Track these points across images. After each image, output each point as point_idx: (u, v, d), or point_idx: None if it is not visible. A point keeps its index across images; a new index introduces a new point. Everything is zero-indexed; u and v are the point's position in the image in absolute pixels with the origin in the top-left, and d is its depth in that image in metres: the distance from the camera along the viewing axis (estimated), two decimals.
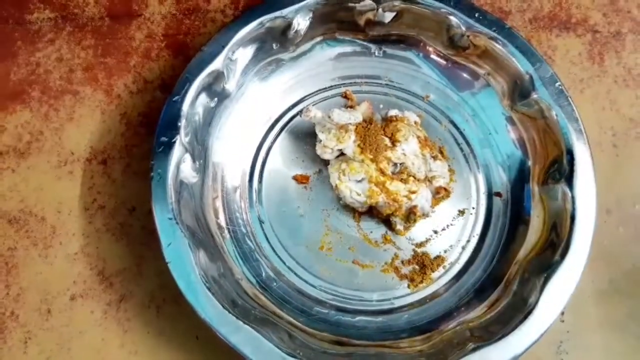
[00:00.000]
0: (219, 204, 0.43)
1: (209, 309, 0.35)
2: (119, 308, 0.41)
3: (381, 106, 0.46)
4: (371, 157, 0.41)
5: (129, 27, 0.48)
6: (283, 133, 0.45)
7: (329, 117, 0.41)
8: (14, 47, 0.47)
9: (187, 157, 0.40)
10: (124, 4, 0.49)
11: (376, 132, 0.41)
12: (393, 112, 0.43)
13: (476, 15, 0.43)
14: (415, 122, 0.44)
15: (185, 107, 0.40)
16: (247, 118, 0.45)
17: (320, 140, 0.42)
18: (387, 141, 0.41)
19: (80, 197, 0.44)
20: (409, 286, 0.42)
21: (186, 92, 0.40)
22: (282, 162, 0.45)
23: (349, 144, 0.41)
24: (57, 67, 0.47)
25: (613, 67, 0.48)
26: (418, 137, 0.42)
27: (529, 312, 0.36)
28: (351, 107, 0.45)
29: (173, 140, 0.39)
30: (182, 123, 0.39)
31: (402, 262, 0.42)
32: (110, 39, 0.48)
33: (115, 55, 0.47)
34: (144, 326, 0.41)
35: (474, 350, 0.35)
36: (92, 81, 0.47)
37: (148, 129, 0.45)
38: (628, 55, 0.48)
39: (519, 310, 0.37)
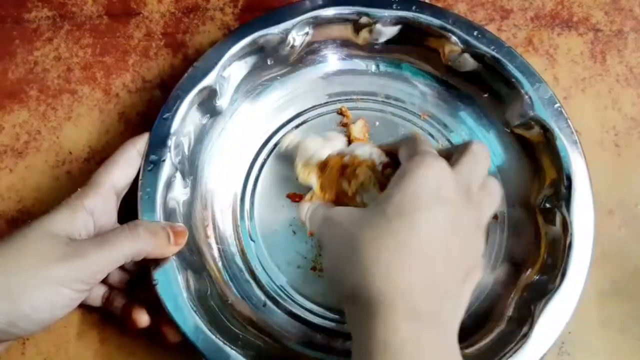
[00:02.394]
0: (209, 222, 0.42)
1: (196, 332, 0.35)
2: None
3: (377, 123, 0.45)
4: (333, 199, 0.38)
5: (127, 25, 0.48)
6: (276, 150, 0.44)
7: (301, 145, 0.40)
8: (11, 45, 0.47)
9: (177, 175, 0.39)
10: (122, 3, 0.49)
11: (334, 176, 0.38)
12: (350, 151, 0.39)
13: (475, 33, 0.42)
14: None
15: (176, 124, 0.39)
16: (239, 135, 0.44)
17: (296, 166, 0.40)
18: (346, 186, 0.38)
19: None
20: None
21: (177, 109, 0.39)
22: (274, 180, 0.44)
23: (313, 181, 0.39)
24: (55, 66, 0.47)
25: (615, 66, 0.47)
26: (380, 182, 0.37)
27: (523, 340, 0.36)
28: (346, 124, 0.44)
29: (163, 159, 0.38)
30: (173, 141, 0.39)
31: None
32: (108, 37, 0.48)
33: (113, 54, 0.47)
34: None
35: None
36: (91, 80, 0.47)
37: (147, 128, 0.44)
38: (630, 54, 0.48)
39: (512, 338, 0.36)
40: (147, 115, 0.45)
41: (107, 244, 0.33)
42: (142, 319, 0.37)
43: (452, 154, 0.34)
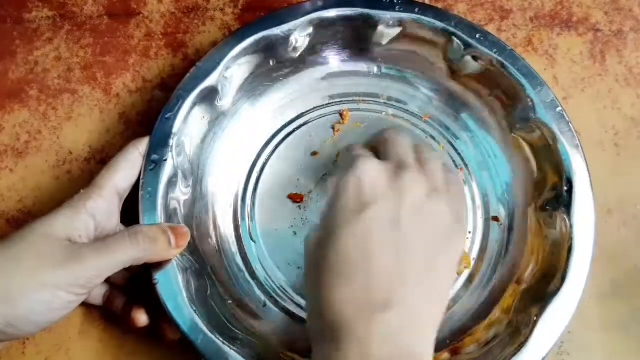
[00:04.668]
0: (210, 222, 0.42)
1: (196, 332, 0.35)
2: None
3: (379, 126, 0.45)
4: None
5: (127, 25, 0.48)
6: (278, 151, 0.44)
7: None
8: (12, 45, 0.47)
9: (179, 175, 0.39)
10: (122, 3, 0.49)
11: None
12: None
13: (477, 36, 0.42)
14: None
15: (178, 124, 0.39)
16: (241, 135, 0.44)
17: None
18: None
19: None
20: None
21: (179, 109, 0.39)
22: (276, 181, 0.44)
23: None
24: (55, 66, 0.47)
25: (614, 66, 0.48)
26: None
27: (522, 344, 0.35)
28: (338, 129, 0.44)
29: (164, 159, 0.38)
30: (174, 141, 0.39)
31: None
32: (109, 37, 0.48)
33: (114, 54, 0.47)
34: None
35: None
36: (91, 80, 0.47)
37: (147, 128, 0.44)
38: (630, 54, 0.48)
39: (511, 342, 0.36)
40: (148, 115, 0.45)
41: (106, 251, 0.33)
42: (141, 318, 0.37)
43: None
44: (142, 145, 0.39)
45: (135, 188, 0.38)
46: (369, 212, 0.29)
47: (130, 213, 0.38)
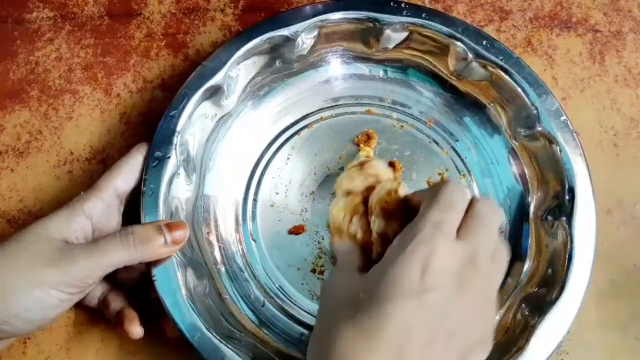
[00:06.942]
0: (211, 220, 0.42)
1: (193, 330, 0.35)
2: None
3: (383, 130, 0.45)
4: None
5: (128, 26, 0.48)
6: (281, 151, 0.44)
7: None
8: (13, 46, 0.47)
9: (182, 172, 0.39)
10: (123, 3, 0.49)
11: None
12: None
13: (484, 42, 0.42)
14: None
15: (182, 122, 0.39)
16: (245, 135, 0.44)
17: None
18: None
19: None
20: None
21: (184, 107, 0.39)
22: (278, 181, 0.44)
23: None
24: (56, 66, 0.47)
25: (614, 66, 0.48)
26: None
27: (519, 352, 0.35)
28: (360, 144, 0.44)
29: (168, 156, 0.38)
30: (178, 139, 0.39)
31: None
32: (109, 38, 0.48)
33: (114, 55, 0.47)
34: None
35: None
36: (92, 80, 0.47)
37: (147, 128, 0.45)
38: (629, 55, 0.48)
39: (508, 349, 0.36)
40: (148, 116, 0.46)
41: (97, 251, 0.33)
42: (136, 331, 0.36)
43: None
44: (146, 150, 0.39)
45: (139, 189, 0.38)
46: (427, 297, 0.27)
47: (134, 213, 0.38)
